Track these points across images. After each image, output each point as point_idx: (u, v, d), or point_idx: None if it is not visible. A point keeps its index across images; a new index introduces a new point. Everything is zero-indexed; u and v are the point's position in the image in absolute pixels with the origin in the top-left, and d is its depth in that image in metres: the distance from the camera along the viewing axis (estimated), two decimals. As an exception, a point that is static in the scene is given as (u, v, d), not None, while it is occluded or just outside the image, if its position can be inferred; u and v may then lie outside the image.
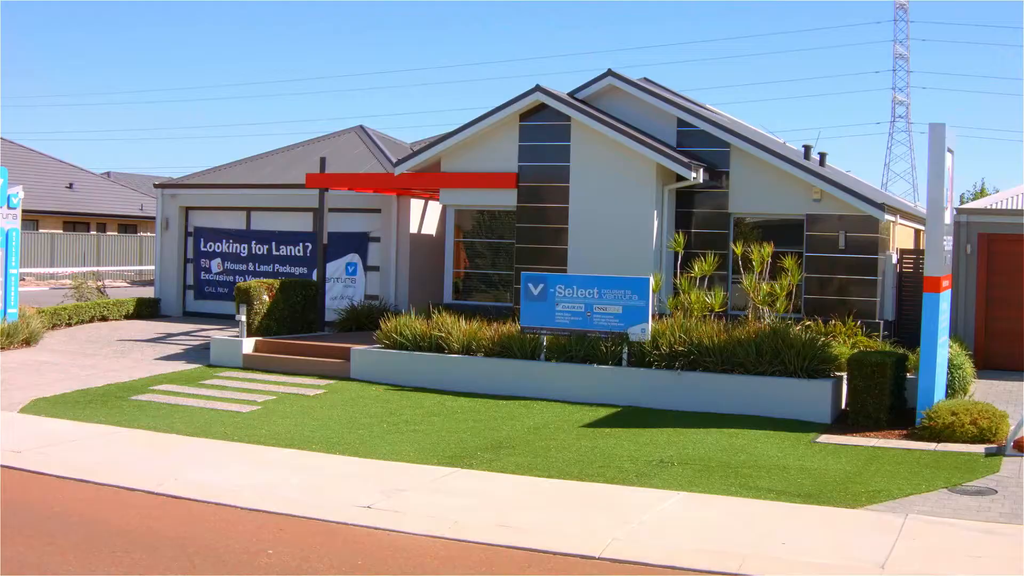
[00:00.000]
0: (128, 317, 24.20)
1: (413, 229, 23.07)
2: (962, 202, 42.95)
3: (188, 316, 25.29)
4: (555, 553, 8.45)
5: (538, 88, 18.44)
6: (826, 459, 11.84)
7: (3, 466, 11.02)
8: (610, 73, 19.13)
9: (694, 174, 17.33)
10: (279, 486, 10.31)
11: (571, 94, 19.01)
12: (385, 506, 9.62)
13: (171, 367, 17.71)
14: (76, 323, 22.59)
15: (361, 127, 27.47)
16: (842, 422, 14.05)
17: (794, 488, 10.53)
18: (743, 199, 18.40)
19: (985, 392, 15.56)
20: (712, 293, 16.07)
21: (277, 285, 19.05)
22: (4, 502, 9.64)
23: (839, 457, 11.95)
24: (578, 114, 18.14)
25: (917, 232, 22.04)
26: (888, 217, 17.61)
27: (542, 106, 18.58)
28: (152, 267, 44.55)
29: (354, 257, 23.75)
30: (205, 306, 25.45)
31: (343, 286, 23.86)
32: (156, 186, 26.02)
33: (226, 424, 13.42)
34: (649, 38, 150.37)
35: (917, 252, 18.92)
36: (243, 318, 18.34)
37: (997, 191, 51.73)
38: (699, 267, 16.34)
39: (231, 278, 25.10)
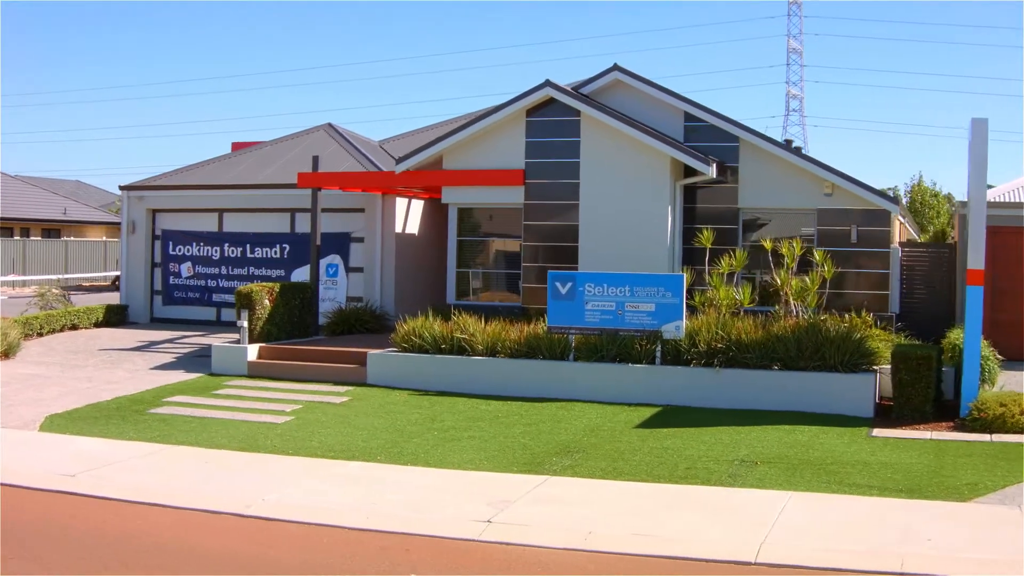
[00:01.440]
0: (97, 325, 23.03)
1: (398, 229, 22.48)
2: (894, 194, 44.17)
3: (157, 323, 24.20)
4: (708, 560, 8.21)
5: (548, 83, 18.11)
6: (897, 453, 11.84)
7: (62, 491, 10.24)
8: (616, 68, 18.93)
9: (710, 168, 17.21)
10: (377, 503, 9.80)
11: (575, 88, 18.71)
12: (504, 520, 9.21)
13: (172, 377, 16.84)
14: (48, 332, 21.39)
15: (329, 124, 26.71)
16: (883, 416, 14.08)
17: (891, 484, 10.47)
18: (752, 194, 18.40)
19: (1010, 383, 15.81)
20: (740, 289, 15.98)
21: (277, 289, 18.29)
22: (90, 532, 8.92)
23: (908, 451, 11.96)
24: (589, 109, 17.88)
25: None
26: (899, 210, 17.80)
27: (550, 101, 18.26)
28: (89, 274, 43.12)
29: (335, 258, 23.04)
30: (175, 312, 24.39)
31: (324, 288, 23.08)
32: (122, 188, 24.80)
33: (269, 437, 12.76)
34: (532, 35, 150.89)
35: (919, 245, 19.15)
36: (245, 324, 17.56)
37: (935, 183, 53.28)
38: (727, 263, 16.24)
39: (203, 282, 24.12)
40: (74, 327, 22.36)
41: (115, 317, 23.58)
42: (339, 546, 8.62)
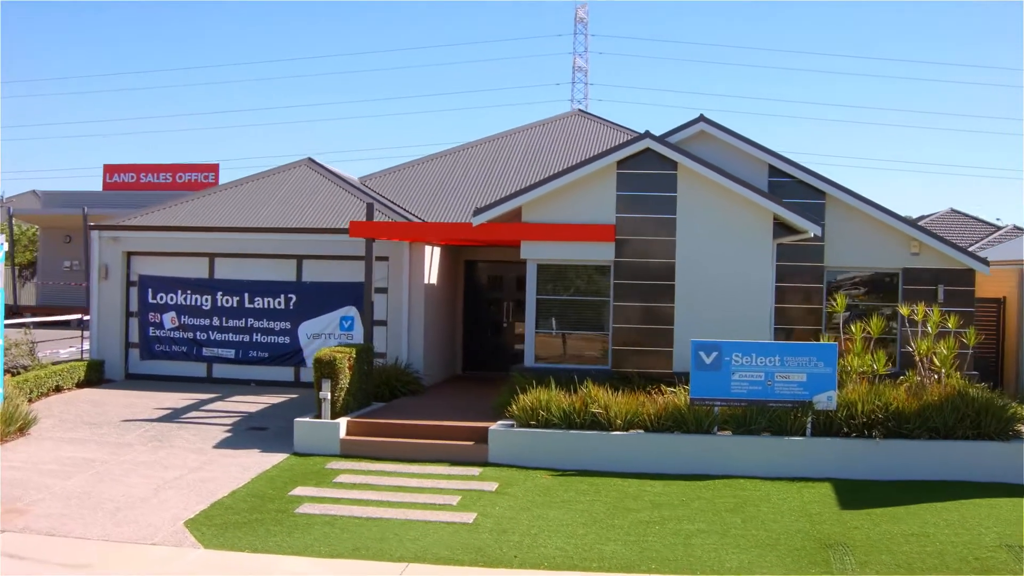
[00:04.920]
0: (79, 385, 20.17)
1: (427, 280, 20.92)
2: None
3: (134, 380, 21.48)
4: None
5: (648, 135, 17.21)
6: None
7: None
8: (702, 119, 18.28)
9: (819, 229, 16.79)
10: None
11: (660, 139, 17.88)
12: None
13: (259, 461, 14.77)
14: (37, 397, 18.48)
15: (310, 159, 24.73)
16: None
17: None
18: (837, 253, 18.22)
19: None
20: (875, 355, 15.62)
21: (353, 354, 16.43)
22: None
23: None
24: (688, 161, 17.11)
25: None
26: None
27: (644, 151, 17.35)
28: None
29: (351, 310, 21.20)
30: (156, 367, 21.74)
31: (338, 343, 21.20)
32: (92, 228, 21.90)
33: (484, 542, 11.26)
34: (368, 40, 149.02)
35: (994, 301, 19.44)
36: (328, 395, 15.67)
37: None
38: (859, 329, 15.84)
39: (190, 335, 21.62)
40: (58, 388, 19.48)
41: (94, 375, 20.75)
42: None
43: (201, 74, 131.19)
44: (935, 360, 15.20)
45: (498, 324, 24.37)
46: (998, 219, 45.34)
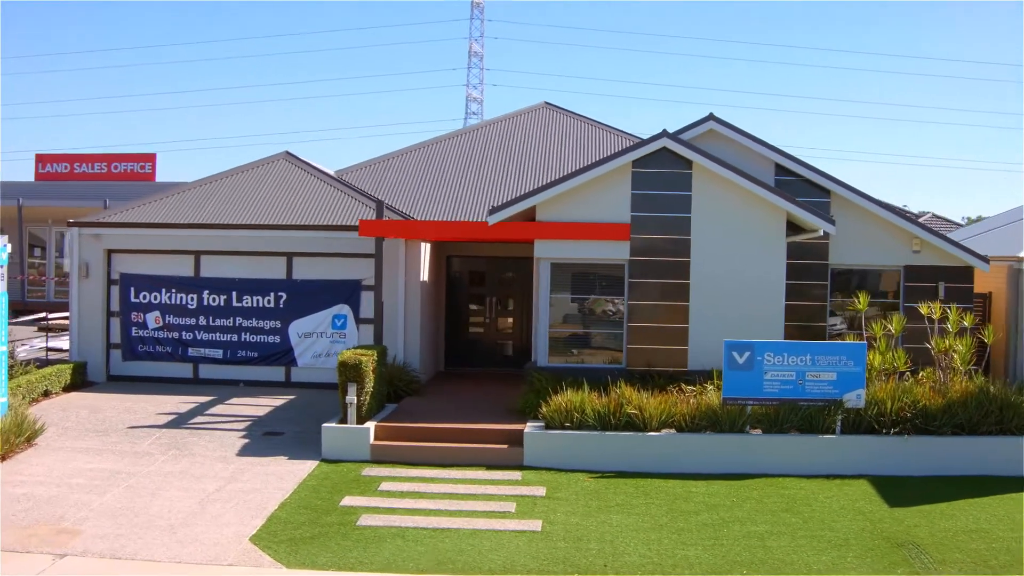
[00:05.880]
0: (66, 389, 19.30)
1: (422, 277, 20.62)
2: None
3: (116, 382, 20.66)
4: None
5: (664, 134, 17.21)
6: None
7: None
8: (712, 118, 18.37)
9: (833, 228, 17.06)
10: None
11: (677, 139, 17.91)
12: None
13: (289, 469, 14.36)
14: (29, 403, 17.58)
15: (288, 153, 24.09)
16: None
17: None
18: (842, 250, 18.51)
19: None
20: (895, 354, 15.98)
21: (375, 356, 16.08)
22: None
23: None
24: (704, 160, 17.20)
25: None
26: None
27: (660, 151, 17.37)
28: None
29: (343, 308, 20.76)
30: (139, 368, 20.93)
31: (330, 341, 20.78)
32: (71, 224, 20.92)
33: (551, 555, 11.17)
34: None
35: (980, 297, 20.01)
36: (354, 399, 15.31)
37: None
38: (879, 327, 16.19)
39: (175, 335, 20.88)
40: (47, 393, 18.62)
41: (78, 378, 19.89)
42: None
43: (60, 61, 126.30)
44: (956, 358, 15.61)
45: (480, 320, 24.18)
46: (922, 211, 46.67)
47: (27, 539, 11.13)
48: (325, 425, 15.24)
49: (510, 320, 23.97)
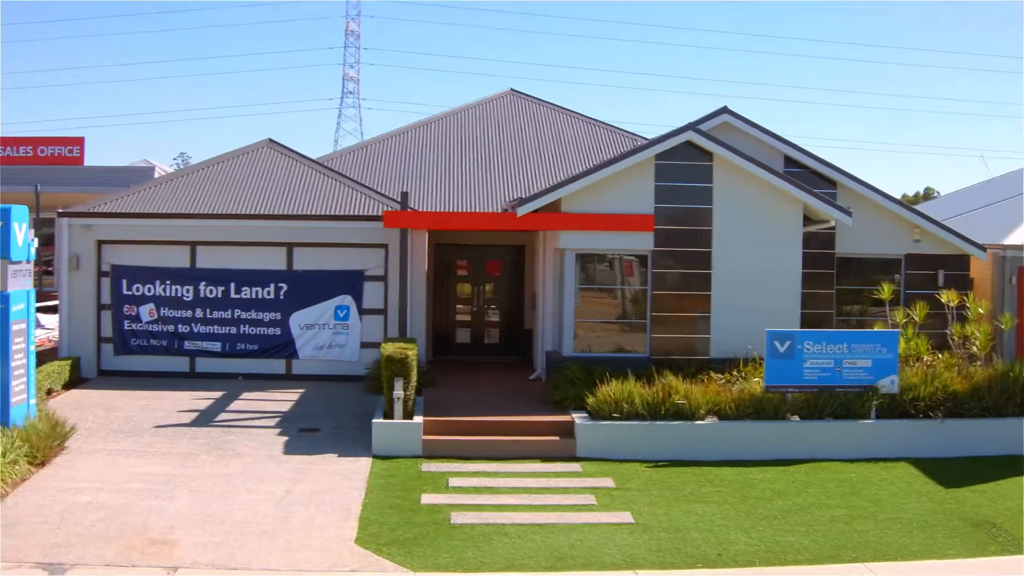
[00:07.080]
0: (65, 386, 18.51)
1: (425, 267, 20.46)
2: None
3: (109, 376, 19.87)
4: None
5: (689, 127, 17.48)
6: None
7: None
8: (726, 111, 18.72)
9: (850, 219, 17.65)
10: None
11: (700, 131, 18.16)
12: None
13: (346, 467, 14.11)
14: (39, 402, 16.78)
15: (271, 140, 23.50)
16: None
17: None
18: (848, 239, 19.13)
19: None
20: (918, 341, 16.66)
21: (416, 349, 15.92)
22: None
23: None
24: (726, 152, 17.56)
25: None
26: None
27: (684, 144, 17.64)
28: None
29: (346, 299, 20.45)
30: (132, 363, 20.18)
31: (332, 333, 20.47)
32: (61, 215, 19.96)
33: (661, 547, 11.37)
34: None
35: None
36: (401, 393, 15.15)
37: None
38: (901, 314, 16.84)
39: (171, 327, 20.21)
40: (49, 392, 17.82)
41: (74, 374, 19.10)
42: None
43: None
44: (976, 344, 16.36)
45: (466, 308, 24.14)
46: None
47: (126, 552, 10.70)
48: (375, 421, 15.04)
49: (495, 308, 24.00)
